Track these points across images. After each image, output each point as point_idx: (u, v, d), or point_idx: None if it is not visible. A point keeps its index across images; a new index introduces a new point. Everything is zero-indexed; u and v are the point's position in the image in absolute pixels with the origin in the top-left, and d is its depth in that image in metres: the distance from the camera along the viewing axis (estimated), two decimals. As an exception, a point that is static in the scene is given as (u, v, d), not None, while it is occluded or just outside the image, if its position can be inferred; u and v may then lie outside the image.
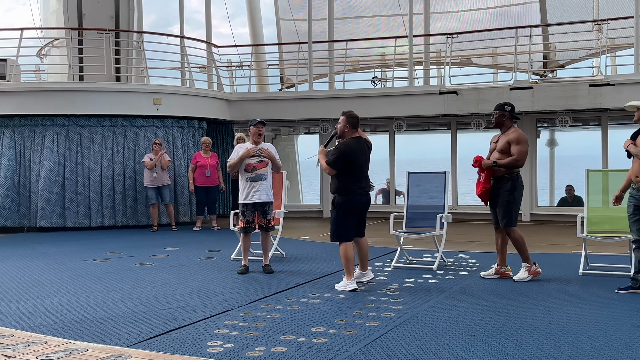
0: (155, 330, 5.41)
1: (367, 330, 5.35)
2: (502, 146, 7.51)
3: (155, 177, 12.98)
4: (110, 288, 7.29)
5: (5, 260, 9.45)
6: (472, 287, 7.17)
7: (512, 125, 7.65)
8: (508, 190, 7.46)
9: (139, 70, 15.14)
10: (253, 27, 21.07)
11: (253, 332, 5.30)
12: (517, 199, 7.54)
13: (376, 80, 16.14)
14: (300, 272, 8.15)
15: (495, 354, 4.67)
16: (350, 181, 7.03)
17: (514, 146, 7.42)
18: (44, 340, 5.10)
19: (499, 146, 7.54)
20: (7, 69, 13.14)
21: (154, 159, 12.92)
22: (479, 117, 14.02)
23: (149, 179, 13.01)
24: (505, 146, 7.47)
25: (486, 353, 4.70)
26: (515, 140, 7.44)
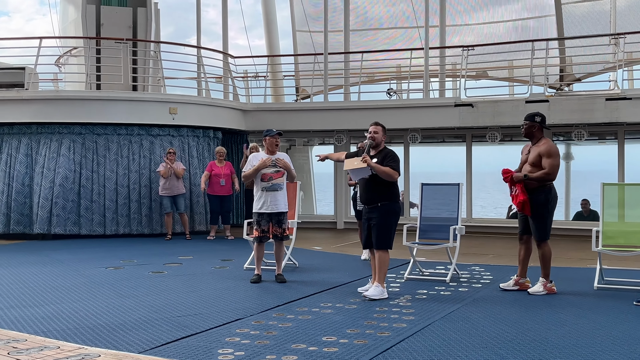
0: (167, 337, 5.42)
1: (379, 340, 5.33)
2: (533, 158, 7.42)
3: (169, 186, 13.05)
4: (123, 295, 7.32)
5: (20, 266, 9.51)
6: (486, 299, 7.13)
7: (542, 136, 7.55)
8: (541, 203, 7.37)
9: (156, 80, 15.26)
10: (270, 39, 21.18)
11: (264, 341, 5.30)
12: (551, 211, 7.47)
13: (391, 92, 16.15)
14: (312, 282, 8.14)
15: (508, 367, 4.64)
16: (397, 188, 7.27)
17: (545, 159, 7.32)
18: (56, 345, 5.13)
19: (530, 158, 7.45)
20: (26, 77, 13.30)
21: (167, 167, 12.98)
22: (494, 129, 13.98)
23: (164, 188, 13.08)
24: (537, 158, 7.39)
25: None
26: (546, 153, 7.34)
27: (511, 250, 11.53)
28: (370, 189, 7.17)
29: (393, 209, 7.15)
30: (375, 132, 7.20)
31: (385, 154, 7.18)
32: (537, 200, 7.37)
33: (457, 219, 8.46)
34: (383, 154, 7.18)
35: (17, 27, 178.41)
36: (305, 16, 20.70)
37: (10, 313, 6.37)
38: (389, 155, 7.16)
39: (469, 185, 14.69)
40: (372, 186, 7.15)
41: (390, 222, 7.14)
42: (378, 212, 7.11)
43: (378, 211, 7.11)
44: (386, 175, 7.03)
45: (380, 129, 7.25)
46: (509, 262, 9.99)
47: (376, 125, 7.27)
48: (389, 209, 7.12)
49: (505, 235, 13.70)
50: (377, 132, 7.20)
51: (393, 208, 7.15)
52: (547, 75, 14.55)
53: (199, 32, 16.07)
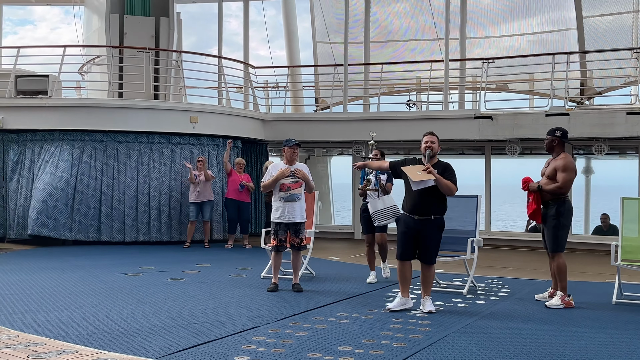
0: (184, 343, 5.46)
1: (394, 351, 5.33)
2: (550, 172, 7.52)
3: (200, 193, 13.16)
4: (141, 301, 7.37)
5: (41, 271, 9.62)
6: (503, 312, 7.10)
7: (562, 151, 7.63)
8: (553, 215, 7.44)
9: (177, 89, 15.40)
10: (290, 50, 21.28)
11: (280, 349, 5.31)
12: (564, 224, 7.47)
13: (411, 104, 16.16)
14: (329, 292, 8.15)
15: (524, 380, 4.61)
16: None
17: (559, 173, 7.42)
18: (75, 350, 5.18)
19: (548, 171, 7.56)
20: (50, 84, 13.47)
21: (197, 175, 13.12)
22: (513, 142, 13.94)
23: (194, 195, 13.21)
24: (553, 172, 7.48)
25: (514, 378, 4.65)
26: (561, 167, 7.43)
27: (529, 263, 11.48)
28: (425, 201, 6.87)
29: (443, 223, 7.00)
30: (432, 142, 7.00)
31: (445, 166, 6.98)
32: (549, 212, 7.47)
33: (475, 231, 8.43)
34: (442, 167, 6.97)
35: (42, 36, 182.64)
36: (326, 27, 20.79)
37: (30, 317, 6.44)
38: (448, 168, 6.96)
39: (487, 198, 14.64)
40: (429, 198, 6.87)
41: (440, 237, 7.01)
42: (431, 225, 6.88)
43: (431, 224, 6.88)
44: (447, 188, 6.81)
45: (436, 139, 7.07)
46: (526, 275, 9.94)
47: (432, 135, 7.08)
48: (441, 223, 6.97)
49: (524, 248, 13.63)
50: (434, 142, 7.02)
51: (443, 222, 7.00)
52: (567, 88, 14.48)
53: (221, 42, 16.20)
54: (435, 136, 7.11)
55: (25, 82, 13.59)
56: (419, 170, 6.79)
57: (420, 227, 6.86)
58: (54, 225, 13.03)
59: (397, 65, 18.90)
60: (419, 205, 6.88)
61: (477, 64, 15.99)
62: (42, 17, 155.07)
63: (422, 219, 6.87)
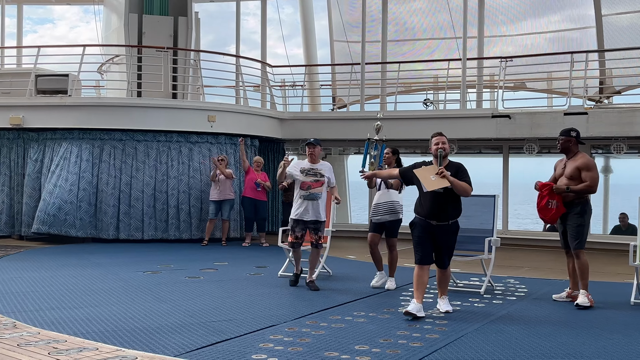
0: (202, 341, 5.51)
1: (411, 350, 5.35)
2: (571, 172, 7.45)
3: (220, 191, 13.24)
4: (160, 299, 7.44)
5: (61, 269, 9.72)
6: (520, 312, 7.09)
7: (578, 151, 7.61)
8: (578, 213, 7.41)
9: (195, 88, 15.48)
10: (307, 48, 21.30)
11: (297, 347, 5.35)
12: (587, 221, 7.50)
13: (428, 102, 16.14)
14: (346, 291, 8.17)
15: (540, 380, 4.61)
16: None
17: (585, 173, 7.37)
18: (95, 347, 5.25)
19: (568, 172, 7.48)
20: (69, 83, 13.60)
21: (219, 173, 13.20)
22: (531, 141, 13.87)
23: (215, 193, 13.29)
24: (575, 172, 7.43)
25: (531, 378, 4.65)
26: (585, 166, 7.40)
27: (547, 263, 11.44)
28: (441, 204, 6.67)
29: (459, 226, 6.89)
30: (443, 143, 6.81)
31: (457, 167, 6.82)
32: (574, 211, 7.43)
33: (492, 230, 8.42)
34: (455, 167, 6.80)
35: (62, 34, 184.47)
36: (343, 26, 20.79)
37: (51, 314, 6.53)
38: (461, 169, 6.80)
39: (505, 197, 14.57)
40: (445, 201, 6.69)
41: (455, 240, 6.93)
42: (448, 230, 6.75)
43: (448, 229, 6.75)
44: (463, 190, 6.64)
45: (446, 139, 6.90)
46: (544, 275, 9.91)
47: (441, 136, 6.92)
48: (457, 227, 6.86)
49: (542, 248, 13.57)
50: (445, 143, 6.84)
51: (458, 225, 6.89)
52: (586, 87, 14.40)
53: (238, 41, 16.27)
54: (444, 136, 6.96)
55: (46, 81, 13.73)
56: (432, 175, 6.62)
57: (437, 232, 6.72)
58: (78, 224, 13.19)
59: (414, 64, 18.87)
60: (435, 210, 6.69)
61: (495, 63, 15.92)
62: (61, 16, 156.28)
63: (440, 225, 6.72)
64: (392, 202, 8.30)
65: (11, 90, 13.94)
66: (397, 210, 8.33)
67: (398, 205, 8.33)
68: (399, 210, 8.35)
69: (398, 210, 8.34)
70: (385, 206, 8.31)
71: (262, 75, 15.90)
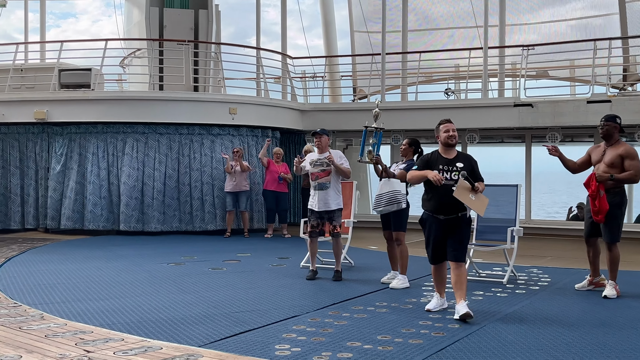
0: (226, 332, 5.57)
1: (433, 340, 5.36)
2: (612, 159, 7.24)
3: (235, 183, 13.31)
4: (184, 290, 7.52)
5: (87, 261, 9.85)
6: (543, 301, 7.06)
7: (619, 138, 7.44)
8: (617, 204, 7.23)
9: (216, 81, 15.54)
10: (328, 39, 21.30)
11: (320, 338, 5.39)
12: (624, 213, 7.36)
13: (449, 92, 16.06)
14: (368, 281, 8.20)
15: (563, 369, 4.61)
16: None
17: (629, 161, 7.18)
18: (121, 338, 5.33)
19: (608, 159, 7.27)
20: (92, 77, 13.71)
21: (233, 165, 13.26)
22: (554, 130, 13.76)
23: (230, 185, 13.35)
24: (617, 159, 7.22)
25: (554, 368, 4.65)
26: (629, 155, 7.20)
27: (570, 252, 11.36)
28: (450, 199, 6.14)
29: (471, 218, 6.42)
30: (454, 130, 6.40)
31: (471, 162, 6.36)
32: (613, 201, 7.21)
33: (515, 220, 8.39)
34: (469, 163, 6.33)
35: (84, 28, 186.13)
36: (363, 16, 20.74)
37: (77, 306, 6.63)
38: (474, 162, 6.37)
39: (528, 186, 14.49)
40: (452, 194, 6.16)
41: (469, 233, 6.43)
42: (458, 223, 6.24)
43: (458, 222, 6.24)
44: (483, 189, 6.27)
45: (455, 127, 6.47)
46: (567, 264, 9.85)
47: (450, 123, 6.46)
48: (468, 219, 6.34)
49: (565, 237, 13.48)
50: (455, 130, 6.43)
51: (470, 218, 6.40)
52: (609, 75, 14.24)
53: (259, 33, 16.29)
54: (453, 123, 6.50)
55: (69, 75, 13.86)
56: (471, 193, 6.07)
57: (447, 226, 6.26)
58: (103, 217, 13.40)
59: (435, 54, 18.77)
60: (444, 204, 6.21)
61: (517, 51, 15.81)
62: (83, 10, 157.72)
63: (449, 218, 6.25)
64: (394, 191, 7.89)
65: (35, 85, 14.10)
66: (399, 199, 7.87)
67: (400, 194, 7.88)
68: (402, 199, 7.89)
69: (400, 199, 7.87)
70: (387, 196, 7.90)
71: (283, 66, 15.91)
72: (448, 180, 6.18)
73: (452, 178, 6.20)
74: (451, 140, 6.38)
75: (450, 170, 6.24)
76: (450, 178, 6.21)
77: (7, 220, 14.10)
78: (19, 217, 14.10)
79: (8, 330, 5.53)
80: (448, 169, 6.25)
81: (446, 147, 6.39)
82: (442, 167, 6.25)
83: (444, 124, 6.47)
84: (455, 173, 6.20)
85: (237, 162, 13.32)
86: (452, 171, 6.23)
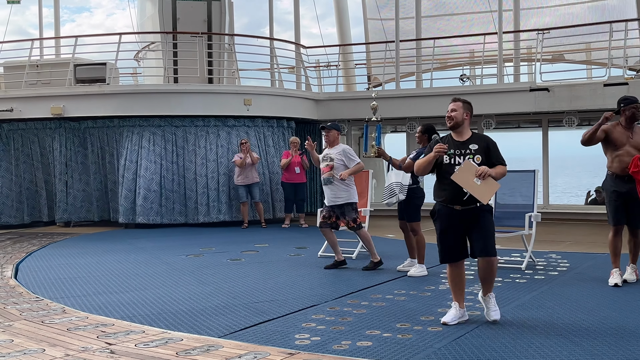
0: (246, 322, 5.61)
1: (452, 327, 5.37)
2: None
3: (245, 176, 13.32)
4: (203, 282, 7.57)
5: (106, 254, 9.94)
6: (562, 287, 7.03)
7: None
8: None
9: (231, 72, 15.56)
10: (341, 27, 21.23)
11: (339, 327, 5.41)
12: None
13: (464, 78, 15.97)
14: (385, 270, 8.20)
15: (584, 354, 4.60)
16: None
17: None
18: (142, 330, 5.38)
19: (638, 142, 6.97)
20: (107, 72, 13.78)
21: (243, 158, 13.26)
22: (571, 114, 13.65)
23: (239, 178, 13.36)
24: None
25: (574, 353, 4.64)
26: None
27: (589, 237, 11.30)
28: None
29: (491, 205, 5.67)
30: (453, 110, 5.61)
31: (486, 142, 5.61)
32: None
33: (532, 205, 8.36)
34: (483, 143, 5.59)
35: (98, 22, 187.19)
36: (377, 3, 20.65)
37: (98, 299, 6.70)
38: (491, 145, 5.59)
39: (545, 171, 14.41)
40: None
41: (493, 222, 5.64)
42: (479, 212, 5.48)
43: (478, 211, 5.47)
44: (502, 176, 5.52)
45: (460, 105, 5.63)
46: (586, 249, 9.80)
47: (455, 102, 5.67)
48: (489, 206, 5.58)
49: (584, 222, 13.40)
50: (457, 109, 5.60)
51: (491, 205, 5.65)
52: (626, 57, 14.08)
53: (272, 24, 16.28)
54: (460, 101, 5.66)
55: (84, 70, 13.94)
56: (475, 177, 5.32)
57: (465, 218, 5.49)
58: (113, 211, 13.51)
59: (449, 40, 18.66)
60: (459, 192, 5.44)
61: (532, 35, 15.68)
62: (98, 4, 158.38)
63: (466, 209, 5.47)
64: (394, 183, 7.78)
65: (51, 80, 14.19)
66: (396, 192, 7.77)
67: (399, 186, 7.76)
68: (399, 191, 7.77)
69: (397, 192, 7.77)
70: (388, 188, 7.83)
71: (297, 56, 15.90)
72: (461, 164, 5.45)
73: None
74: (449, 121, 5.61)
75: (463, 154, 5.51)
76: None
77: (35, 214, 14.32)
78: (46, 211, 14.26)
79: (31, 324, 5.60)
80: (461, 152, 5.53)
81: (451, 129, 5.67)
82: (454, 152, 5.54)
83: (450, 103, 5.72)
84: (470, 156, 5.49)
85: (247, 154, 13.27)
86: (465, 155, 5.51)
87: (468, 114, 5.62)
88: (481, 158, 5.49)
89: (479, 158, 5.48)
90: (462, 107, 5.60)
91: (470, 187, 5.34)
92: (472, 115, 5.68)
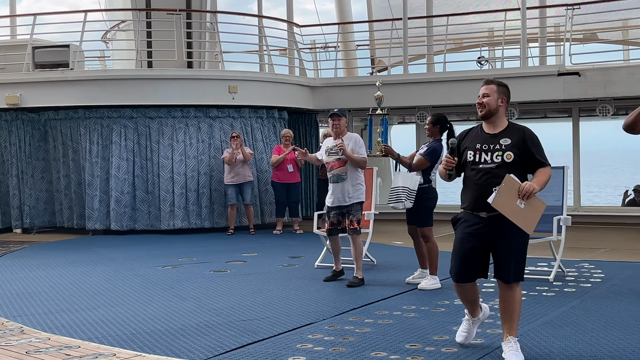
0: (233, 343, 5.61)
1: (470, 348, 5.38)
2: None
3: (236, 173, 13.29)
4: (182, 297, 7.57)
5: (71, 266, 9.93)
6: (596, 301, 7.06)
7: None
8: None
9: (213, 55, 15.56)
10: (340, 3, 21.22)
11: (340, 348, 5.42)
12: None
13: (483, 61, 16.00)
14: (393, 282, 8.22)
15: (621, 378, 4.62)
16: None
17: None
18: (112, 353, 5.38)
19: None
20: (70, 55, 13.74)
21: (231, 153, 13.18)
22: (605, 102, 13.68)
23: (230, 176, 13.34)
24: None
25: (609, 377, 4.65)
26: None
27: (627, 243, 11.34)
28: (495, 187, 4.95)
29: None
30: (486, 95, 5.21)
31: (525, 135, 5.15)
32: None
33: (562, 207, 8.37)
34: (521, 133, 5.15)
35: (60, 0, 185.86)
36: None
37: (61, 317, 6.70)
38: (532, 138, 5.17)
39: (576, 168, 14.44)
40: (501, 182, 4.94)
41: (527, 239, 5.18)
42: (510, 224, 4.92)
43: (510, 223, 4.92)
44: (547, 181, 5.08)
45: (494, 88, 5.23)
46: (624, 257, 9.83)
47: (488, 85, 5.27)
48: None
49: (621, 225, 13.44)
50: (490, 94, 5.20)
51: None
52: (669, 35, 14.13)
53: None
54: (494, 84, 5.27)
55: (44, 53, 13.89)
56: (517, 200, 4.86)
57: (491, 229, 5.05)
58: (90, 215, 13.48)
59: (465, 17, 18.67)
60: (485, 194, 4.97)
61: (561, 11, 15.69)
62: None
63: (494, 217, 4.99)
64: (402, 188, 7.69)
65: (6, 65, 14.15)
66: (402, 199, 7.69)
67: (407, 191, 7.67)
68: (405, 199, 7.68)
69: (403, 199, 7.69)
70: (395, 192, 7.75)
71: (289, 37, 15.90)
72: (488, 163, 5.06)
73: (495, 160, 5.05)
74: (480, 109, 5.22)
75: (492, 150, 5.08)
76: (492, 160, 5.06)
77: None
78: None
79: (-16, 346, 5.60)
80: (489, 148, 5.11)
81: (482, 118, 5.27)
82: (479, 147, 5.14)
83: (482, 86, 5.32)
84: (499, 153, 5.05)
85: (238, 150, 13.23)
86: (493, 151, 5.07)
87: (504, 100, 5.23)
88: (512, 156, 5.03)
89: (509, 155, 5.02)
90: (496, 91, 5.20)
91: (513, 213, 4.88)
92: (509, 102, 5.29)
